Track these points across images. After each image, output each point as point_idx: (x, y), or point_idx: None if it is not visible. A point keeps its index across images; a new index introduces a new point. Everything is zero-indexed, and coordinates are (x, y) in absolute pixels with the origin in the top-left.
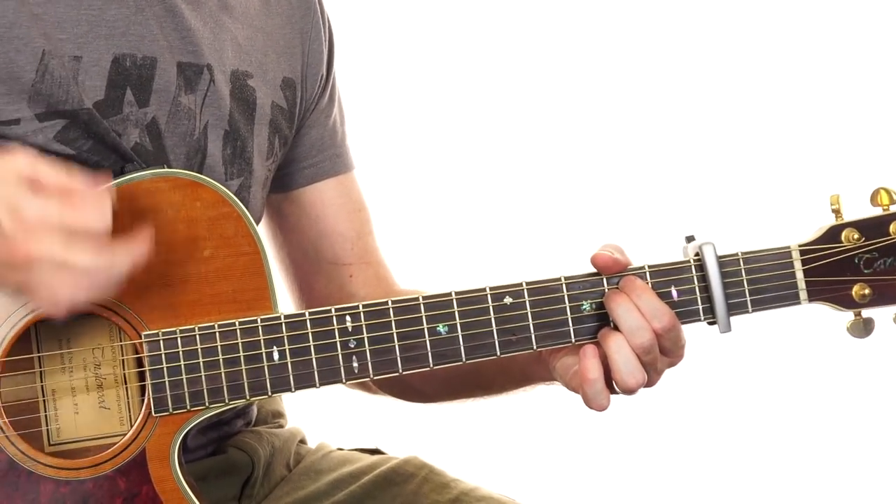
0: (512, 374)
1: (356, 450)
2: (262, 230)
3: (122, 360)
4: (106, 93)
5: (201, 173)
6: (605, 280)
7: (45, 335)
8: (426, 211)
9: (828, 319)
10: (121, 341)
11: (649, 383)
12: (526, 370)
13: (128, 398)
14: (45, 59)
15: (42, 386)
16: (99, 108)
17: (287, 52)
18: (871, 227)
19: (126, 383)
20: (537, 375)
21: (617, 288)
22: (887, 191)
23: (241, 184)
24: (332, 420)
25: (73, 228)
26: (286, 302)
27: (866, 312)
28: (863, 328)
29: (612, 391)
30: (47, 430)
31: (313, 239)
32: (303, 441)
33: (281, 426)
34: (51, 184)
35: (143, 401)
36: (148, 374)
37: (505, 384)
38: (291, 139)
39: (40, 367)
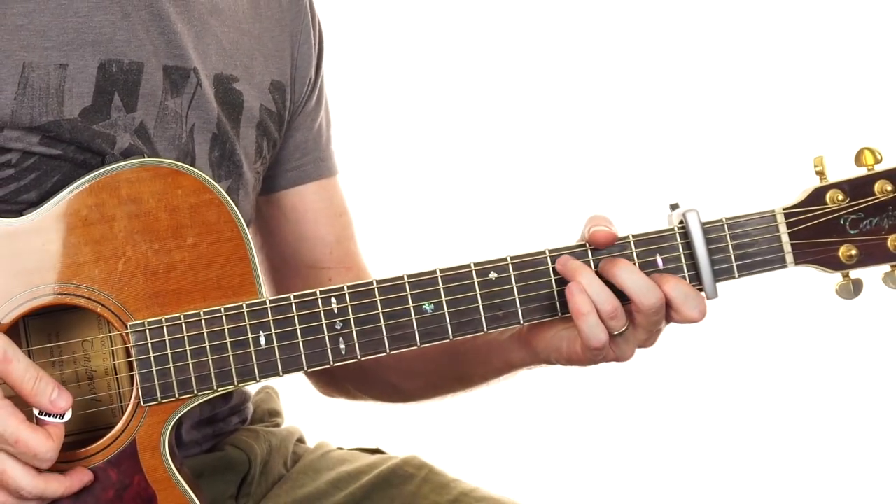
0: (493, 363)
1: (356, 449)
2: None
3: (112, 350)
4: (93, 99)
5: None
6: (589, 251)
7: (33, 329)
8: (405, 186)
9: (816, 282)
10: (108, 333)
11: (622, 357)
12: (507, 357)
13: (118, 389)
14: (25, 72)
15: None
16: (87, 114)
17: (276, 55)
18: (855, 188)
19: (116, 374)
20: (519, 360)
21: (609, 257)
22: (871, 150)
23: (229, 186)
24: (331, 419)
25: (22, 448)
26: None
27: (854, 273)
28: (851, 289)
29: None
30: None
31: (292, 242)
32: (301, 440)
33: (277, 425)
34: (18, 379)
35: (133, 390)
36: (135, 364)
37: (486, 374)
38: (280, 141)
39: None
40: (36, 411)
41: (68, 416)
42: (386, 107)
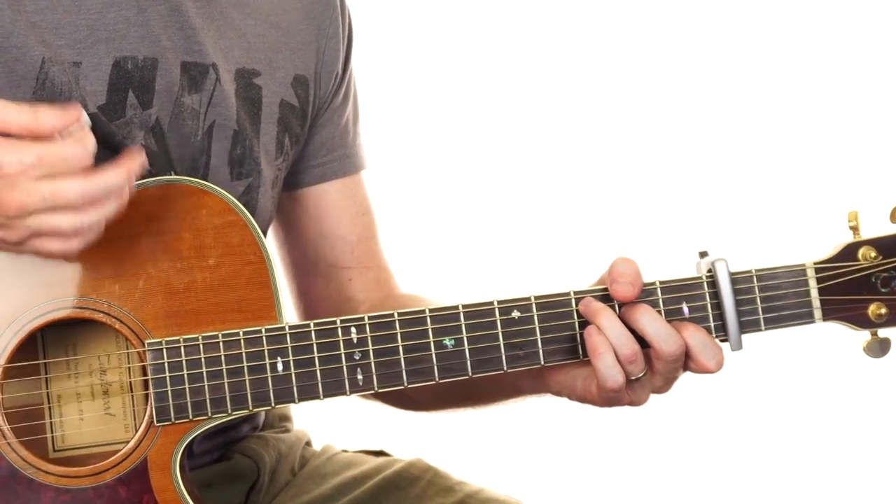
0: (503, 387)
1: (361, 451)
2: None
3: (129, 367)
4: (108, 97)
5: (206, 175)
6: None
7: (50, 341)
8: (436, 220)
9: (844, 339)
10: (126, 349)
11: (636, 402)
12: (516, 383)
13: (133, 406)
14: (45, 67)
15: (48, 392)
16: (102, 112)
17: (301, 49)
18: (889, 246)
19: (132, 391)
20: (528, 388)
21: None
22: None
23: (249, 185)
24: (338, 422)
25: (55, 166)
26: (290, 306)
27: (883, 332)
28: (879, 348)
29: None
30: (52, 436)
31: (313, 240)
32: (308, 443)
33: (287, 430)
34: (20, 126)
35: (147, 409)
36: (150, 382)
37: (496, 396)
38: (304, 137)
39: (46, 374)
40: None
41: (86, 118)
42: (418, 132)
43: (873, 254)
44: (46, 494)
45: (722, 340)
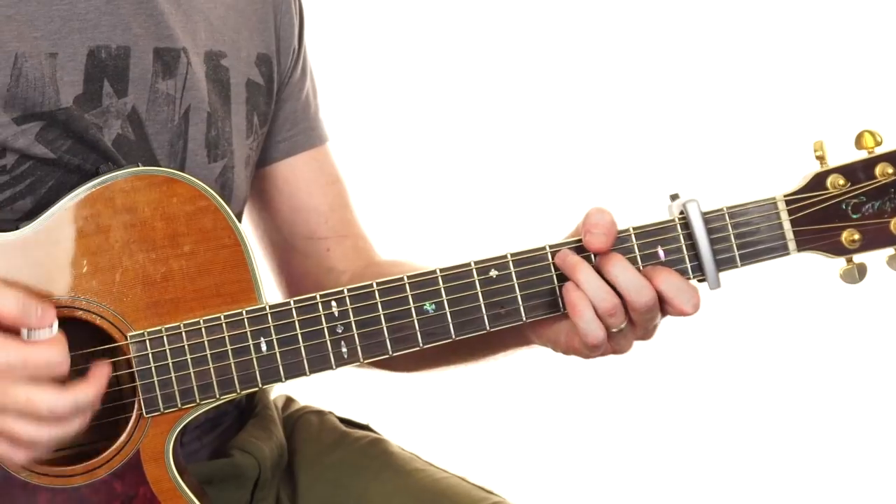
0: (490, 343)
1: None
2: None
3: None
4: (84, 87)
5: (184, 159)
6: None
7: None
8: (407, 181)
9: (820, 268)
10: (107, 345)
11: (619, 351)
12: (503, 339)
13: (120, 401)
14: (18, 63)
15: None
16: (78, 102)
17: (260, 28)
18: (856, 171)
19: (116, 386)
20: (513, 342)
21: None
22: (871, 133)
23: (224, 165)
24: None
25: (38, 370)
26: (272, 286)
27: (858, 258)
28: (856, 274)
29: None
30: None
31: (287, 215)
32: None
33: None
34: (7, 317)
35: (131, 403)
36: (136, 374)
37: (484, 352)
38: (271, 115)
39: None
40: (24, 333)
41: (56, 326)
42: (384, 102)
43: (842, 181)
44: (42, 496)
45: (700, 280)
